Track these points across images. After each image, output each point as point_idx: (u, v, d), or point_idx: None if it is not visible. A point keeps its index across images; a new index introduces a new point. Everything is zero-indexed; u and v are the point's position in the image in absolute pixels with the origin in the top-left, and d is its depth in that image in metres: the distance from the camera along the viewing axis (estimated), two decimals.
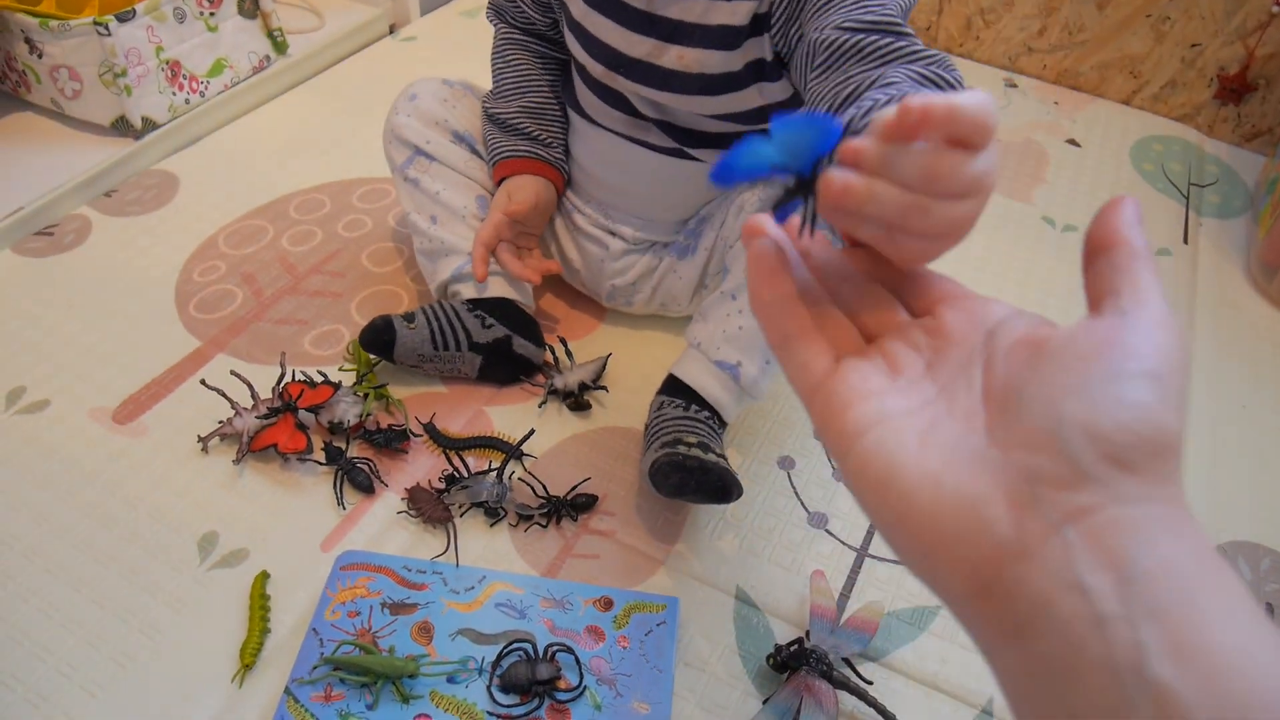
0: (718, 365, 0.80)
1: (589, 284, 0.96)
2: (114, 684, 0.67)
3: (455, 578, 0.73)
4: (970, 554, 0.28)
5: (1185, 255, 1.18)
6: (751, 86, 0.78)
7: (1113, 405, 0.28)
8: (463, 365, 0.87)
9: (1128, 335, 0.29)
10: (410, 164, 0.91)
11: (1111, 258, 0.32)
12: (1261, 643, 0.25)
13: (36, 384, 0.88)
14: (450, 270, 0.89)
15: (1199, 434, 0.94)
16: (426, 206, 0.90)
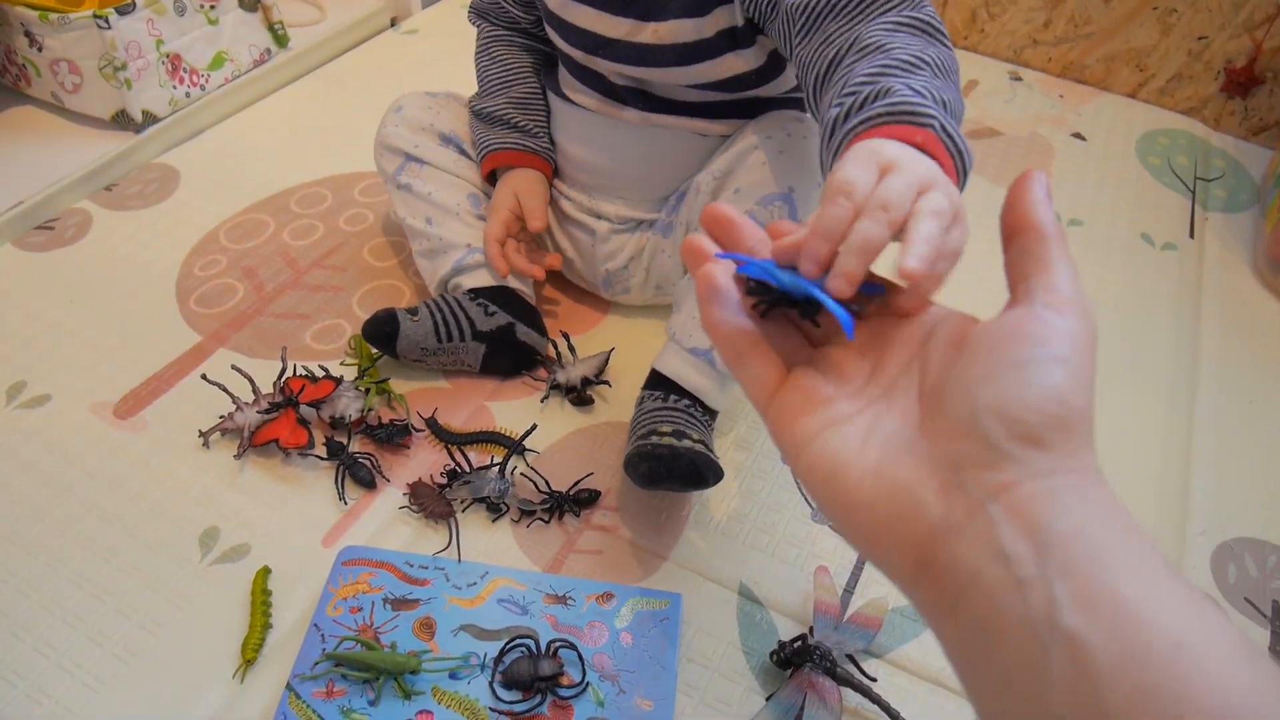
0: (692, 353, 0.80)
1: (585, 274, 0.96)
2: (116, 679, 0.67)
3: (457, 573, 0.72)
4: (909, 536, 0.31)
5: (1191, 249, 1.17)
6: (726, 54, 0.77)
7: (1021, 389, 0.30)
8: (466, 356, 0.87)
9: (1034, 323, 0.32)
10: (401, 170, 0.92)
11: (1022, 241, 0.34)
12: (1162, 590, 0.28)
13: (37, 379, 0.88)
14: (450, 264, 0.89)
15: (1205, 429, 0.93)
16: (421, 209, 0.91)
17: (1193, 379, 0.99)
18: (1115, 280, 1.11)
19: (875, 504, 0.32)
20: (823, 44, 0.61)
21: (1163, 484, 0.87)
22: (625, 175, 0.89)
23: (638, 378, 0.90)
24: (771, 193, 0.77)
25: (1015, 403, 0.30)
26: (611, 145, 0.87)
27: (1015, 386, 0.31)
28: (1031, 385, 0.30)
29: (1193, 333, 1.05)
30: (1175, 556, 0.81)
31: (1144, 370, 0.99)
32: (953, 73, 0.58)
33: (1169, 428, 0.93)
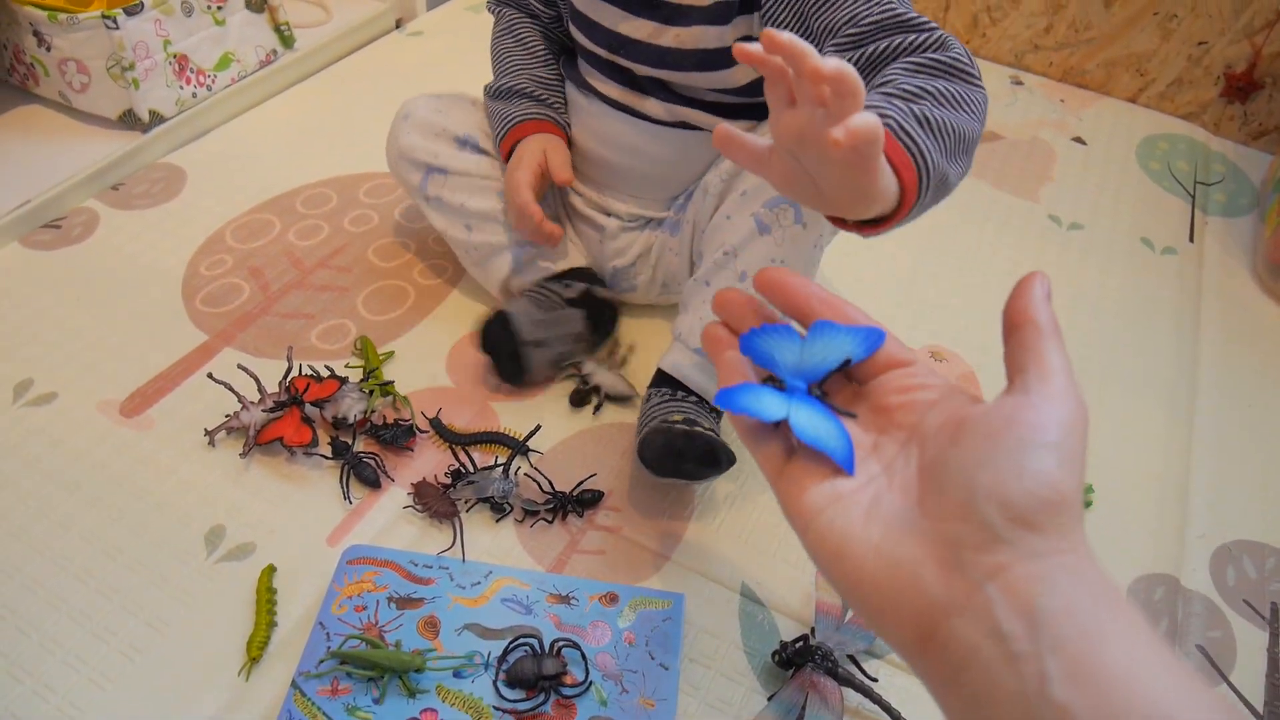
0: (698, 353, 0.80)
1: (594, 266, 0.96)
2: (122, 676, 0.67)
3: (461, 573, 0.73)
4: (911, 612, 0.34)
5: (1191, 253, 1.18)
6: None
7: (1017, 475, 0.33)
8: (572, 325, 0.88)
9: (1030, 412, 0.35)
10: (427, 183, 0.91)
11: (1021, 336, 0.37)
12: (1147, 662, 0.30)
13: (44, 376, 0.88)
14: (507, 266, 0.91)
15: (1205, 432, 0.94)
16: (457, 218, 0.91)
17: (1193, 382, 0.99)
18: (1116, 284, 1.11)
19: (879, 581, 0.35)
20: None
21: (1163, 487, 0.88)
22: (638, 172, 0.89)
23: (644, 379, 0.91)
24: (778, 195, 0.78)
25: (1011, 488, 0.33)
26: (627, 141, 0.87)
27: (1011, 472, 0.33)
28: (1025, 471, 0.33)
29: (1193, 336, 1.05)
30: (1175, 559, 0.81)
31: (1144, 373, 1.00)
32: (966, 104, 0.59)
33: (1169, 431, 0.94)
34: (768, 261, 0.78)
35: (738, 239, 0.79)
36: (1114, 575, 0.78)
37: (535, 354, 0.86)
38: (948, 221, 1.17)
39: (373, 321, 0.96)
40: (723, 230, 0.80)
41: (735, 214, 0.79)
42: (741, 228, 0.79)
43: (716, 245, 0.80)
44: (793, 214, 0.77)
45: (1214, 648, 0.76)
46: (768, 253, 0.78)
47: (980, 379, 0.96)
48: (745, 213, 0.78)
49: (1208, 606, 0.79)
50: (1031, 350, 0.37)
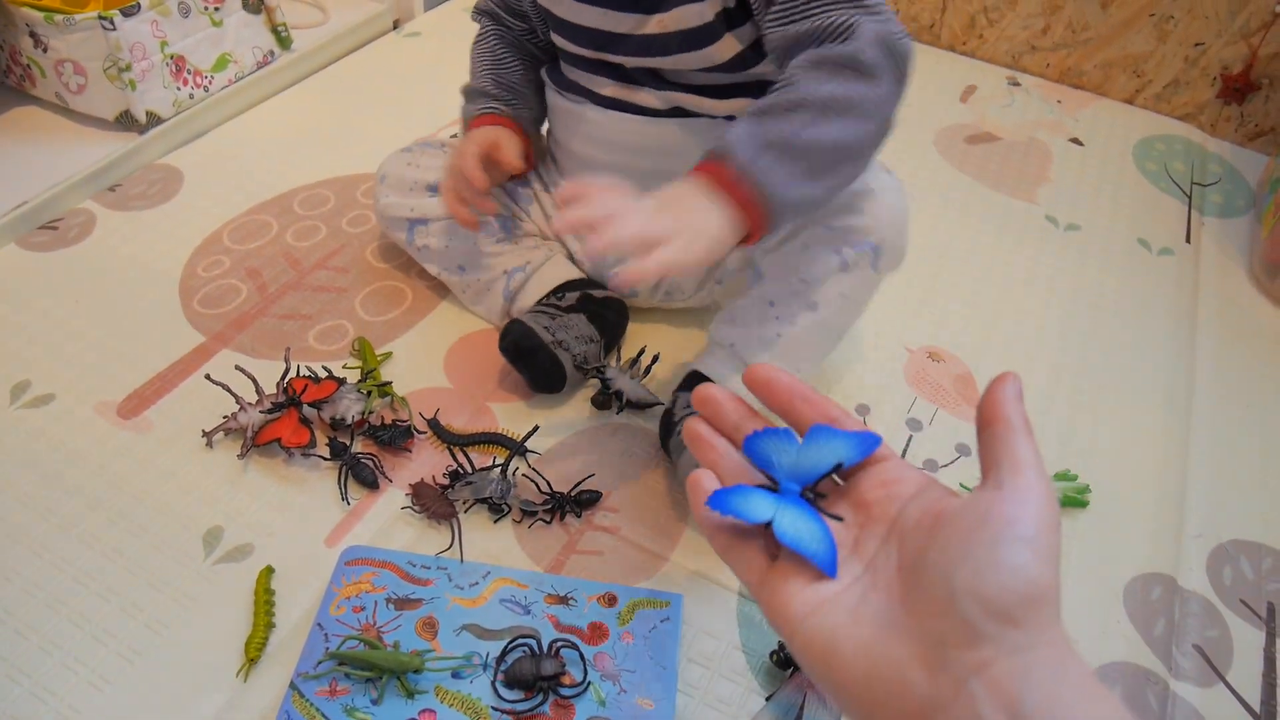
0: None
1: (592, 273, 0.96)
2: (121, 677, 0.67)
3: (460, 573, 0.73)
4: (900, 711, 0.35)
5: (1188, 254, 1.18)
6: (725, 35, 0.78)
7: (994, 570, 0.34)
8: (580, 328, 0.88)
9: (1005, 507, 0.35)
10: (412, 236, 0.94)
11: (994, 431, 0.38)
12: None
13: (41, 378, 0.88)
14: (501, 295, 0.92)
15: (1201, 433, 0.94)
16: (449, 261, 0.94)
17: (1189, 382, 0.99)
18: (1113, 284, 1.12)
19: (868, 681, 0.36)
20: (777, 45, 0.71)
21: (1160, 487, 0.88)
22: (640, 170, 0.87)
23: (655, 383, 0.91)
24: (865, 239, 0.79)
25: (989, 583, 0.34)
26: (626, 138, 0.86)
27: (988, 567, 0.34)
28: (1003, 566, 0.34)
29: (1190, 336, 1.06)
30: (1172, 559, 0.82)
31: (1141, 373, 1.00)
32: (850, 109, 0.65)
33: (1166, 430, 0.94)
34: (839, 297, 0.80)
35: (817, 272, 0.80)
36: (1110, 574, 0.78)
37: (561, 355, 0.86)
38: (945, 222, 1.17)
39: (370, 322, 0.96)
40: (797, 257, 0.81)
41: (815, 246, 0.80)
42: (821, 260, 0.80)
43: (788, 270, 0.81)
44: (870, 258, 0.79)
45: (1211, 647, 0.76)
46: (840, 289, 0.80)
47: (977, 380, 0.97)
48: (827, 247, 0.79)
49: (1205, 606, 0.79)
50: (1004, 446, 0.38)
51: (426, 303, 0.99)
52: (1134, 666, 0.74)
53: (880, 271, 0.82)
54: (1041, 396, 0.96)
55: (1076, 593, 0.78)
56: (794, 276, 0.81)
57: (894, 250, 0.81)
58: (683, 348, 0.95)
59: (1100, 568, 0.80)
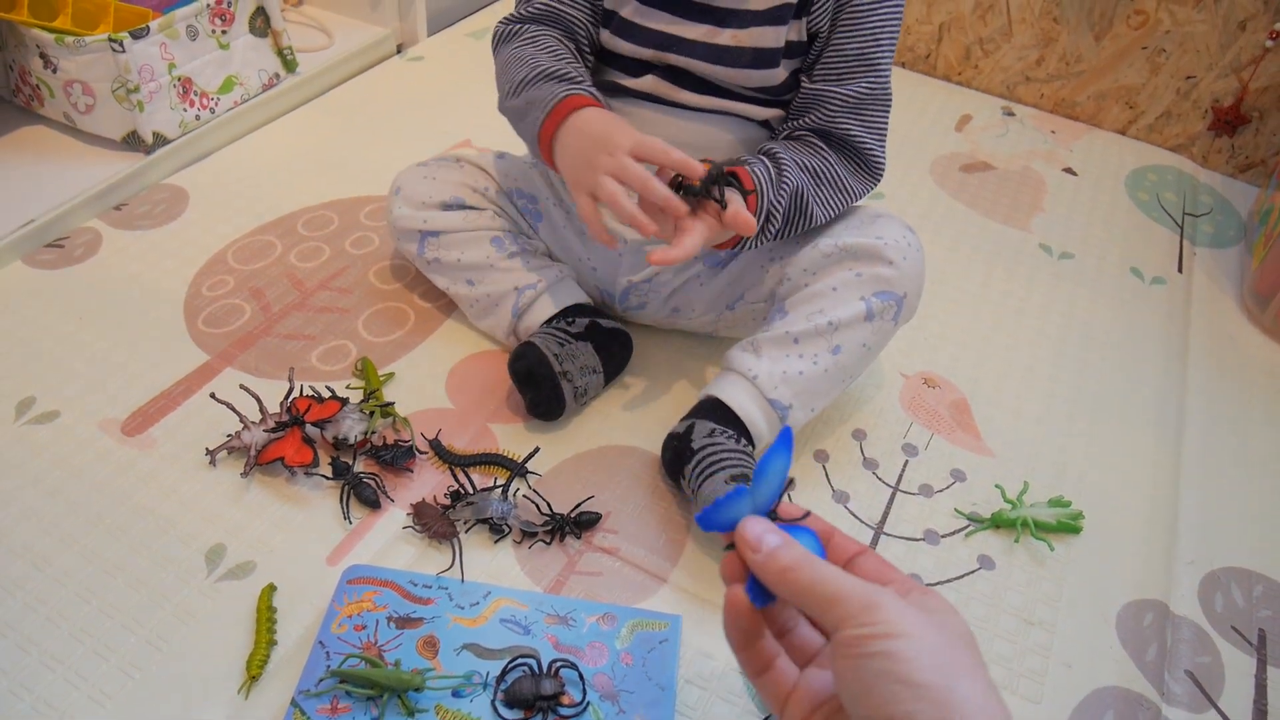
0: (772, 403, 0.82)
1: (604, 282, 0.96)
2: (122, 693, 0.67)
3: (460, 593, 0.74)
4: None
5: (1179, 284, 1.20)
6: (785, 60, 0.82)
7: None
8: (587, 358, 0.89)
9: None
10: (423, 248, 0.94)
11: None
12: None
13: (46, 394, 0.89)
14: (510, 311, 0.92)
15: (1192, 460, 0.95)
16: (458, 274, 0.94)
17: (1181, 411, 1.01)
18: (1105, 313, 1.13)
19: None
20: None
21: (1151, 514, 0.89)
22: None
23: (638, 401, 0.92)
24: (888, 290, 0.83)
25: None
26: (662, 131, 0.82)
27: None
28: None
29: (1181, 365, 1.07)
30: (1164, 585, 0.83)
31: (1133, 401, 1.01)
32: (836, 186, 0.84)
33: (1158, 458, 0.95)
34: (860, 346, 0.83)
35: (843, 314, 0.82)
36: (1103, 600, 0.79)
37: (564, 385, 0.87)
38: (940, 250, 1.19)
39: (373, 343, 0.97)
40: (825, 298, 0.83)
41: (843, 289, 0.82)
42: (849, 305, 0.82)
43: (815, 309, 0.83)
44: (894, 310, 0.83)
45: (1202, 673, 0.77)
46: (863, 339, 0.83)
47: (972, 406, 0.98)
48: (856, 294, 0.82)
49: (1196, 632, 0.80)
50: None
51: (429, 324, 1.00)
52: (1126, 691, 0.74)
53: (898, 325, 0.85)
54: (1035, 423, 0.97)
55: (1069, 618, 0.79)
56: (821, 317, 0.82)
57: (912, 306, 0.85)
58: (684, 373, 0.96)
59: (1093, 593, 0.81)
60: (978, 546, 0.84)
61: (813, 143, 0.84)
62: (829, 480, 0.88)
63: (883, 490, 0.88)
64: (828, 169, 0.83)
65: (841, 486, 0.88)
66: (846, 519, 0.85)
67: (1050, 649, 0.77)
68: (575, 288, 0.94)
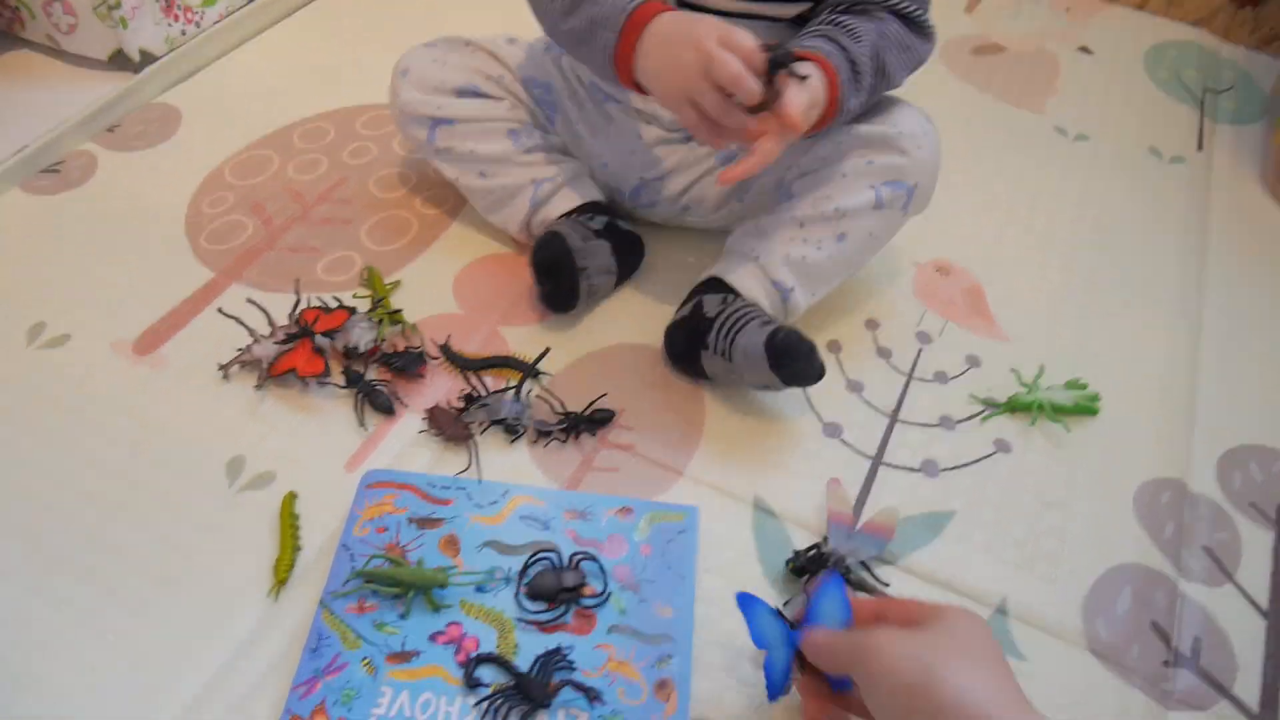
0: (774, 284, 0.81)
1: (613, 179, 0.94)
2: (156, 602, 0.69)
3: (479, 493, 0.74)
4: None
5: (1199, 162, 1.17)
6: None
7: None
8: (602, 258, 0.88)
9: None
10: (433, 136, 0.90)
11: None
12: None
13: (55, 319, 0.89)
14: (527, 204, 0.90)
15: (1211, 339, 0.94)
16: (470, 166, 0.91)
17: (1200, 290, 0.99)
18: (1123, 193, 1.11)
19: None
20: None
21: (1170, 394, 0.89)
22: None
23: (647, 301, 0.91)
24: (900, 180, 0.81)
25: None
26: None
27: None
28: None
29: (1200, 244, 1.05)
30: (1182, 464, 0.82)
31: (1152, 282, 1.00)
32: (902, 45, 0.78)
33: (1176, 338, 0.94)
34: (867, 235, 0.82)
35: (852, 203, 0.80)
36: (1121, 481, 0.79)
37: (581, 281, 0.86)
38: (952, 135, 1.15)
39: (377, 252, 0.96)
40: (834, 185, 0.81)
41: (853, 176, 0.80)
42: (858, 193, 0.80)
43: (823, 196, 0.81)
44: (904, 199, 0.81)
45: (1220, 549, 0.77)
46: (870, 227, 0.82)
47: (986, 292, 0.96)
48: (865, 181, 0.80)
49: (1214, 510, 0.80)
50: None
51: (433, 230, 0.99)
52: (1143, 568, 0.75)
53: (908, 214, 0.83)
54: (1051, 307, 0.96)
55: (1087, 497, 0.79)
56: (829, 204, 0.81)
57: (924, 196, 0.83)
58: (693, 272, 0.95)
59: (1110, 474, 0.81)
60: (993, 431, 0.84)
61: (862, 12, 0.78)
62: (843, 370, 0.88)
63: (897, 379, 0.88)
64: (890, 29, 0.78)
65: (855, 376, 0.87)
66: (861, 408, 0.84)
67: (1067, 529, 0.77)
68: (591, 184, 0.93)
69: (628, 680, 0.64)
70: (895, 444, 0.82)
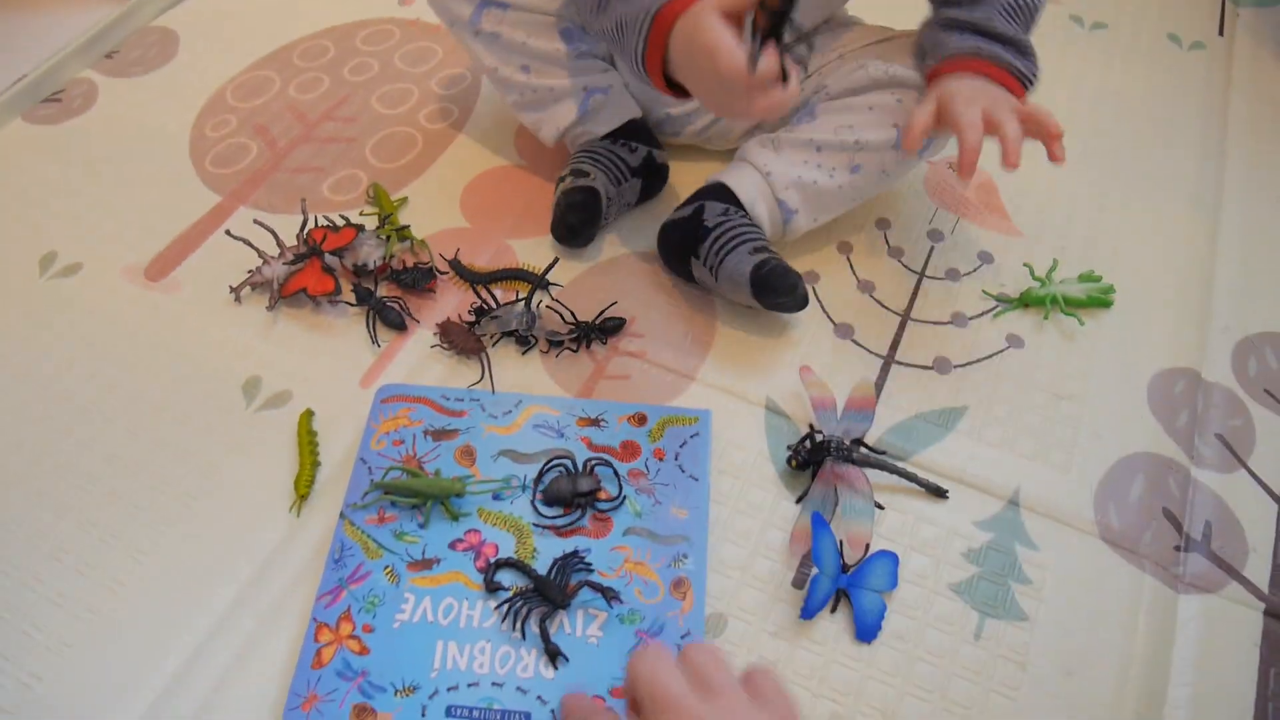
0: (779, 202, 0.81)
1: (641, 104, 0.91)
2: (182, 519, 0.71)
3: (492, 404, 0.75)
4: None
5: (1220, 48, 1.13)
6: None
7: None
8: (628, 195, 0.88)
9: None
10: (479, 16, 0.82)
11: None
12: None
13: (66, 248, 0.89)
14: (574, 113, 0.86)
15: (1229, 228, 0.92)
16: (514, 57, 0.84)
17: (1219, 178, 0.97)
18: (1141, 83, 1.08)
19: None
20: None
21: (1185, 284, 0.88)
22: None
23: (657, 210, 0.90)
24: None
25: None
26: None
27: None
28: None
29: (1220, 132, 1.02)
30: (1197, 353, 0.82)
31: (1170, 171, 0.98)
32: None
33: (1194, 228, 0.92)
34: (880, 171, 0.81)
35: (872, 137, 0.79)
36: (1134, 370, 0.79)
37: (601, 224, 0.86)
38: None
39: (383, 169, 0.95)
40: (859, 114, 0.80)
41: (879, 111, 0.79)
42: (880, 128, 0.79)
43: (845, 123, 0.80)
44: (925, 145, 0.79)
45: (1233, 435, 0.77)
46: (885, 164, 0.81)
47: (999, 187, 0.95)
48: (890, 119, 0.79)
49: (1228, 397, 0.79)
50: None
51: (437, 145, 0.98)
52: (1156, 456, 0.75)
53: (922, 159, 0.83)
54: (1066, 200, 0.94)
55: (1100, 389, 0.79)
56: (850, 134, 0.80)
57: (941, 144, 0.83)
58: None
59: (1123, 365, 0.81)
60: (1006, 326, 0.83)
61: None
62: (853, 270, 0.87)
63: (909, 277, 0.87)
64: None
65: (866, 276, 0.87)
66: (872, 308, 0.84)
67: (1080, 420, 0.77)
68: (631, 99, 0.89)
69: (644, 580, 0.65)
70: (907, 343, 0.82)
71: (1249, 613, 0.67)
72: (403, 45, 1.09)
